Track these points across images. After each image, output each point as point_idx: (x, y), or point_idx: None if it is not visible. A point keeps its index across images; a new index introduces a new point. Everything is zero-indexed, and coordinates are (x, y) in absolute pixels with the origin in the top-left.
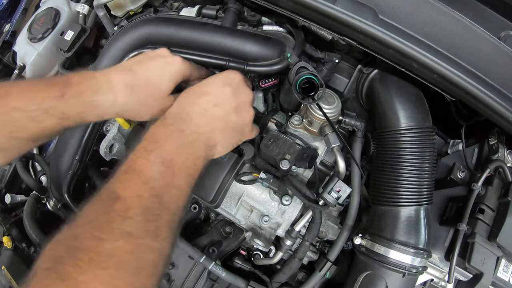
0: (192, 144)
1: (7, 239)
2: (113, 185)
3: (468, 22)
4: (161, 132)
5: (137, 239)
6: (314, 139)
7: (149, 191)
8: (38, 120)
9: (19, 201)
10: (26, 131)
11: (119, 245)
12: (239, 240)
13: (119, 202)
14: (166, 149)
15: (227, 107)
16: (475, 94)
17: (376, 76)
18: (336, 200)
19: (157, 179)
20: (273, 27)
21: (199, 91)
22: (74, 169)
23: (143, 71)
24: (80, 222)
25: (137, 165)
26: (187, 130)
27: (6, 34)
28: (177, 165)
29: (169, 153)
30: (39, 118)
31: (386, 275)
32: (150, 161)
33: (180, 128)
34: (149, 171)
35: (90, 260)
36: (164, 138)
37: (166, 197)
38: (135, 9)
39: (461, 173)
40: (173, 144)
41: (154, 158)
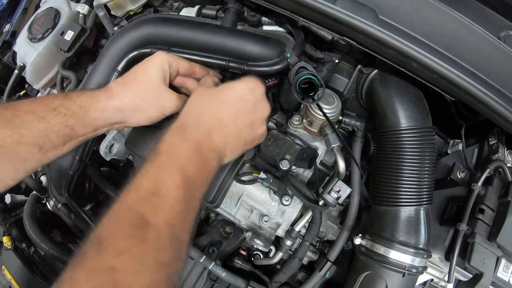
0: (209, 163)
1: (7, 239)
2: (141, 208)
3: (468, 22)
4: (182, 148)
5: (170, 268)
6: (314, 139)
7: (176, 217)
8: (46, 120)
9: (19, 201)
10: (34, 133)
11: (157, 277)
12: (239, 240)
13: (151, 231)
14: (189, 171)
15: (243, 123)
16: (475, 94)
17: (376, 76)
18: (336, 200)
19: (182, 204)
20: (273, 27)
21: (221, 99)
22: (74, 169)
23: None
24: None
25: (165, 188)
26: (205, 148)
27: (6, 34)
28: (196, 187)
29: (191, 176)
30: (47, 118)
31: (386, 275)
32: (176, 184)
33: (199, 144)
34: (176, 196)
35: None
36: (187, 158)
37: (187, 220)
38: (135, 9)
39: (461, 173)
40: (195, 165)
41: (178, 180)
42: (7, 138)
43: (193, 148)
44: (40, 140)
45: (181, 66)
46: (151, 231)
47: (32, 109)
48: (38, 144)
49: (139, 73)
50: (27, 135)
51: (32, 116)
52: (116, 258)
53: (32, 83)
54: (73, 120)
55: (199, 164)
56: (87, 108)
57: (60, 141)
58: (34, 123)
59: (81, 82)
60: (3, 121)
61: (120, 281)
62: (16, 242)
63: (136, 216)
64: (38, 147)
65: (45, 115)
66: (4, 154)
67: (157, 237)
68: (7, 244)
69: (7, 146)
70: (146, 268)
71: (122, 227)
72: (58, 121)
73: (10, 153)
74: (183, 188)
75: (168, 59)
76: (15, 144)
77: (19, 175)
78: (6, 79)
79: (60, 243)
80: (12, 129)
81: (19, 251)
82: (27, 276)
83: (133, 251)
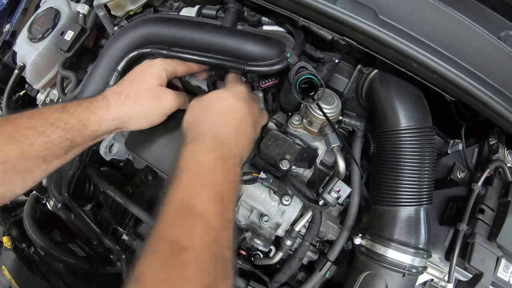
0: (234, 170)
1: (7, 239)
2: (173, 234)
3: (468, 22)
4: (205, 159)
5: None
6: (314, 139)
7: (213, 235)
8: (46, 134)
9: (19, 201)
10: (37, 148)
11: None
12: (239, 240)
13: (188, 254)
14: (217, 183)
15: (249, 122)
16: (475, 94)
17: (376, 76)
18: (336, 200)
19: (216, 219)
20: (273, 27)
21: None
22: (74, 169)
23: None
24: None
25: (195, 206)
26: (227, 155)
27: (6, 34)
28: (227, 198)
29: (220, 188)
30: (47, 132)
31: (386, 275)
32: (206, 199)
33: (221, 153)
34: (208, 213)
35: None
36: (212, 170)
37: (226, 236)
38: (135, 9)
39: (461, 173)
40: (221, 175)
41: (208, 195)
42: (12, 153)
43: (215, 158)
44: (43, 153)
45: (178, 71)
46: (188, 254)
47: (31, 125)
48: (41, 156)
49: (136, 81)
50: (30, 150)
51: (32, 131)
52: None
53: (32, 83)
54: (72, 133)
55: (226, 173)
56: (85, 122)
57: (61, 152)
58: (34, 138)
59: (81, 82)
60: (6, 137)
61: None
62: (16, 242)
63: (169, 243)
64: (41, 159)
65: (44, 129)
66: (10, 168)
67: (197, 258)
68: (7, 244)
69: (12, 160)
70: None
71: (158, 258)
72: (57, 135)
73: (16, 167)
74: (214, 202)
75: (165, 66)
76: (20, 158)
77: (27, 184)
78: (6, 79)
79: (60, 243)
80: (15, 144)
81: (19, 251)
82: (27, 276)
83: (173, 280)
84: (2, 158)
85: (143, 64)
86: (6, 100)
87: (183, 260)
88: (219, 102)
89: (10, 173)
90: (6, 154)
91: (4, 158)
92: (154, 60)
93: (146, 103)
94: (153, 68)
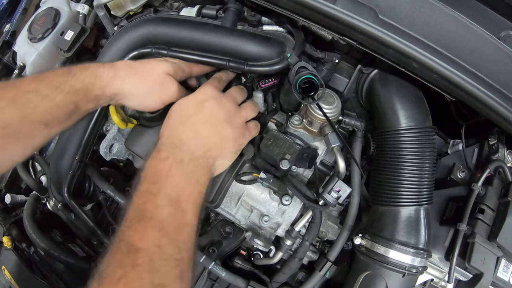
0: (193, 173)
1: (7, 239)
2: (129, 237)
3: (468, 22)
4: (160, 168)
5: None
6: (314, 139)
7: (166, 237)
8: (50, 98)
9: (19, 201)
10: (40, 112)
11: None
12: (239, 240)
13: (141, 255)
14: (170, 187)
15: (217, 120)
16: (475, 94)
17: (376, 76)
18: (336, 200)
19: (169, 222)
20: (273, 27)
21: (184, 113)
22: (74, 169)
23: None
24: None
25: (147, 212)
26: (185, 159)
27: (6, 34)
28: (184, 201)
29: (174, 191)
30: (51, 96)
31: (386, 275)
32: (158, 204)
33: (177, 159)
34: (160, 216)
35: None
36: (165, 176)
37: (181, 237)
38: (135, 9)
39: (461, 173)
40: (176, 179)
41: (161, 200)
42: (13, 117)
43: (170, 165)
44: (46, 117)
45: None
46: (141, 255)
47: (34, 88)
48: (43, 121)
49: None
50: (32, 114)
51: (35, 95)
52: (114, 285)
53: None
54: (77, 96)
55: (182, 178)
56: (90, 86)
57: (64, 116)
58: (38, 101)
59: None
60: (7, 101)
61: None
62: (16, 242)
63: (126, 244)
64: (43, 124)
65: (48, 93)
66: (10, 133)
67: (149, 259)
68: (7, 244)
69: (13, 125)
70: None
71: (116, 257)
72: (61, 98)
73: (16, 132)
74: (168, 206)
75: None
76: (21, 122)
77: (27, 152)
78: (6, 79)
79: (60, 243)
80: (17, 108)
81: (19, 251)
82: (27, 276)
83: (129, 276)
84: (3, 123)
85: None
86: None
87: (137, 260)
88: (178, 110)
89: (10, 139)
90: (7, 119)
91: (5, 122)
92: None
93: (149, 85)
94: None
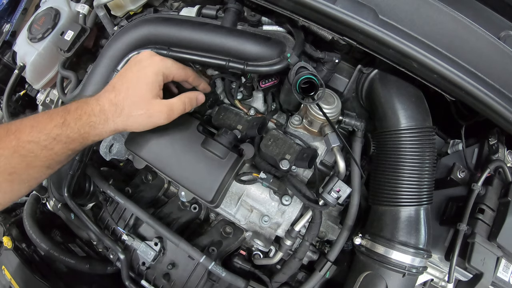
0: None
1: (7, 239)
2: None
3: (468, 22)
4: (70, 105)
5: None
6: (314, 139)
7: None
8: (49, 147)
9: (19, 201)
10: (41, 159)
11: None
12: (239, 240)
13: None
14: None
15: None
16: (475, 94)
17: (376, 76)
18: (336, 200)
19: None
20: (273, 27)
21: None
22: (74, 169)
23: (122, 84)
24: None
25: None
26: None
27: (6, 34)
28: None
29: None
30: (50, 146)
31: (386, 275)
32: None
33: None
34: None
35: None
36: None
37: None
38: (135, 9)
39: (461, 173)
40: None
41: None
42: (18, 165)
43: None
44: (47, 162)
45: (176, 76)
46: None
47: (33, 139)
48: (45, 165)
49: (132, 90)
50: (35, 161)
51: (35, 145)
52: None
53: (32, 83)
54: (75, 144)
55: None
56: (86, 135)
57: (65, 159)
58: (38, 151)
59: (81, 82)
60: (10, 151)
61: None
62: (16, 242)
63: None
64: (45, 167)
65: (47, 144)
66: (17, 178)
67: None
68: (7, 244)
69: (18, 172)
70: None
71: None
72: (60, 147)
73: (22, 176)
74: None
75: (164, 70)
76: (25, 169)
77: (33, 188)
78: (6, 79)
79: (60, 243)
80: (19, 157)
81: (19, 251)
82: (27, 276)
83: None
84: (9, 170)
85: (141, 61)
86: (6, 100)
87: None
88: None
89: (17, 182)
90: (12, 167)
91: (11, 170)
92: (153, 59)
93: (138, 120)
94: (150, 73)
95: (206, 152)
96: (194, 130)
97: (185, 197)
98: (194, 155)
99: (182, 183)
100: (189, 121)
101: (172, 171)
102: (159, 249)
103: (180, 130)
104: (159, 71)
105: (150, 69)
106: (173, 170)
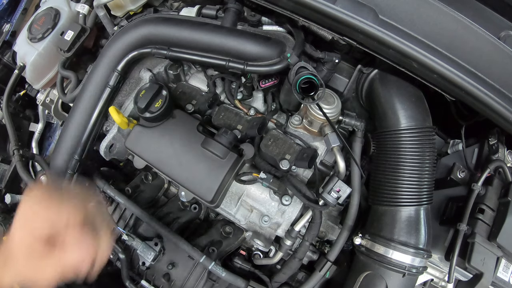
0: None
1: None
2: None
3: (468, 22)
4: None
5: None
6: (314, 139)
7: None
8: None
9: (19, 201)
10: None
11: None
12: (239, 240)
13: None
14: None
15: None
16: (475, 94)
17: (376, 76)
18: (336, 200)
19: None
20: (273, 27)
21: None
22: (74, 169)
23: None
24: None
25: None
26: None
27: (6, 34)
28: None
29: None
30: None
31: (386, 275)
32: None
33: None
34: None
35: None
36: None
37: None
38: (135, 9)
39: (461, 173)
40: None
41: None
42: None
43: None
44: None
45: None
46: None
47: None
48: None
49: None
50: None
51: None
52: None
53: (32, 83)
54: None
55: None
56: None
57: None
58: None
59: (81, 82)
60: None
61: None
62: None
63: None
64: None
65: None
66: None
67: None
68: None
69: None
70: None
71: None
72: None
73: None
74: None
75: None
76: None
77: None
78: (6, 79)
79: None
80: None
81: None
82: None
83: None
84: None
85: None
86: (6, 100)
87: None
88: None
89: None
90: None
91: None
92: None
93: None
94: None
95: (206, 152)
96: (194, 130)
97: (185, 197)
98: (194, 155)
99: (182, 183)
100: (189, 121)
101: (172, 171)
102: (159, 249)
103: (180, 130)
104: None
105: None
106: (173, 170)
